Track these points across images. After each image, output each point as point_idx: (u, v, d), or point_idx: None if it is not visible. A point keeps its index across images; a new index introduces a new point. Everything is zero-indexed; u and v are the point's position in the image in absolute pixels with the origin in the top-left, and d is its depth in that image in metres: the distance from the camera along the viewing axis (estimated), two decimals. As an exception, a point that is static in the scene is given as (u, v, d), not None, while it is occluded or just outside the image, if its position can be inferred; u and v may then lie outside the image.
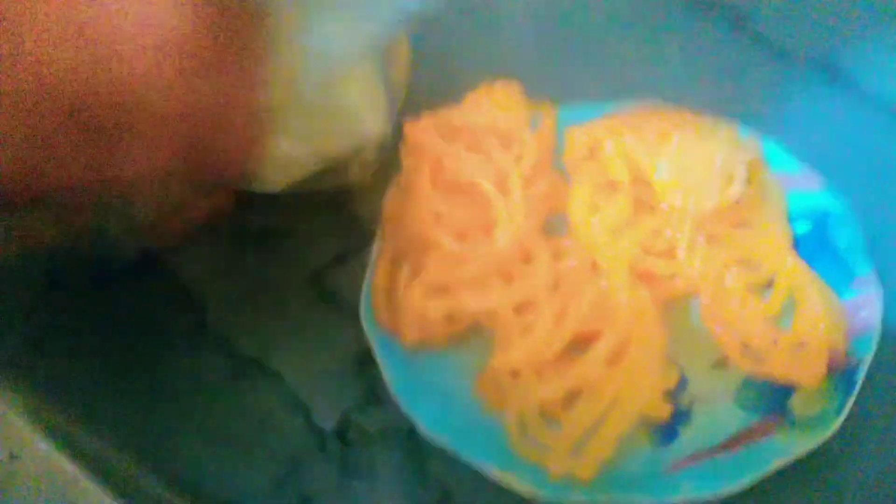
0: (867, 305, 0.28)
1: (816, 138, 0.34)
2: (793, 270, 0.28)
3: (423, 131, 0.31)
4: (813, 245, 0.30)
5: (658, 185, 0.29)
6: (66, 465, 0.31)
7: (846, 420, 0.26)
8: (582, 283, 0.28)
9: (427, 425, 0.26)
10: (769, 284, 0.29)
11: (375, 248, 0.31)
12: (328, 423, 0.29)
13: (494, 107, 0.32)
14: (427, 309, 0.28)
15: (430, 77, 0.35)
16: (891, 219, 0.33)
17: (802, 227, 0.31)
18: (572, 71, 0.37)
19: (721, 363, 0.28)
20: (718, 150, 0.30)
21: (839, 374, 0.27)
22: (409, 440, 0.28)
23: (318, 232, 0.34)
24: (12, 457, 0.30)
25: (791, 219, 0.31)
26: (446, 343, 0.29)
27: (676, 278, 0.28)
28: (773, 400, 0.27)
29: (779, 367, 0.27)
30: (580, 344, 0.27)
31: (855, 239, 0.30)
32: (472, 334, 0.29)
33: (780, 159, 0.32)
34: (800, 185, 0.31)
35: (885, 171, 0.34)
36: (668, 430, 0.27)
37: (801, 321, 0.27)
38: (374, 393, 0.29)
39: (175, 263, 0.33)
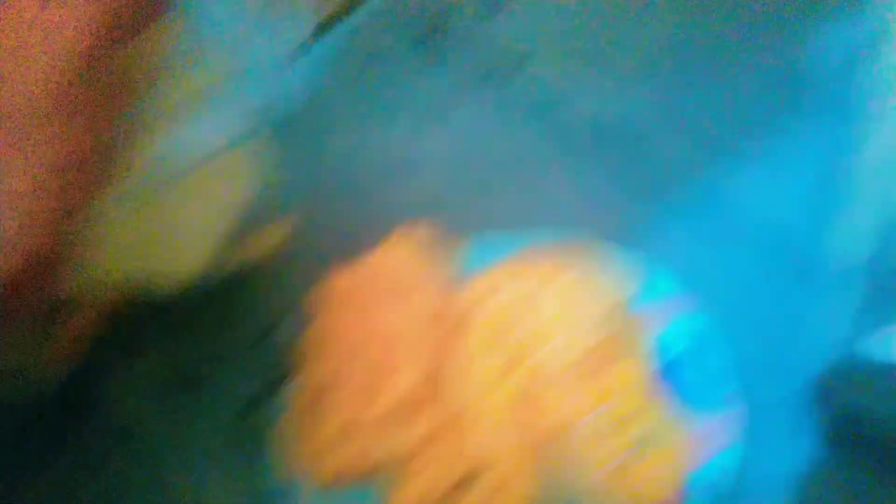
0: (729, 424, 0.32)
1: (693, 260, 0.38)
2: (649, 406, 0.32)
3: (337, 280, 0.35)
4: (682, 367, 0.34)
5: (535, 330, 0.33)
6: None
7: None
8: (468, 425, 0.31)
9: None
10: (630, 417, 0.33)
11: (293, 385, 0.34)
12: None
13: (404, 252, 0.36)
14: (337, 447, 0.32)
15: (345, 221, 0.39)
16: (759, 339, 0.37)
17: (673, 351, 0.35)
18: (479, 203, 0.41)
19: (593, 490, 0.32)
20: (593, 290, 0.34)
21: (695, 493, 0.31)
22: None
23: (248, 365, 0.37)
24: None
25: (662, 343, 0.35)
26: (355, 480, 0.32)
27: (551, 416, 0.32)
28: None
29: (635, 495, 0.31)
30: (468, 480, 0.31)
31: (723, 359, 0.34)
32: (379, 471, 0.32)
33: (657, 284, 0.35)
34: (674, 309, 0.35)
35: (753, 290, 0.39)
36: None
37: (654, 455, 0.31)
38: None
39: (109, 397, 0.37)
